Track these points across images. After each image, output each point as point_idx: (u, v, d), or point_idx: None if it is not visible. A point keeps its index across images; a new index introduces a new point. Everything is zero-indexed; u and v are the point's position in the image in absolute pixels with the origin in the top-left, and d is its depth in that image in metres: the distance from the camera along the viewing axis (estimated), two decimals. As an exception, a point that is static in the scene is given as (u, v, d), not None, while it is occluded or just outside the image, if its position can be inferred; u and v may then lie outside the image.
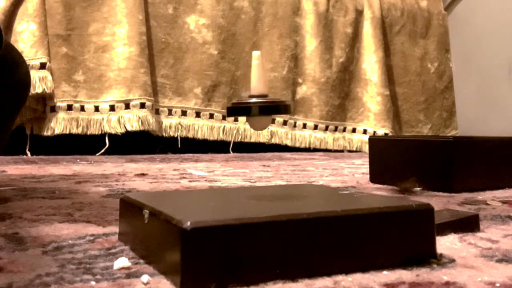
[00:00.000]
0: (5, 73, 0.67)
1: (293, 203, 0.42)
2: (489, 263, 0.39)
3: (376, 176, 0.94)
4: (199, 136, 1.96)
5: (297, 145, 2.12)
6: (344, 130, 2.23)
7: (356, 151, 2.21)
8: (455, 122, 2.37)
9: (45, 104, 1.78)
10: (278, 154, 1.93)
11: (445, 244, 0.44)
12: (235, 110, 0.50)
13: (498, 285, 0.34)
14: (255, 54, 0.49)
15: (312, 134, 2.15)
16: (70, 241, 0.45)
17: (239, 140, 2.01)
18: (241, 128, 2.01)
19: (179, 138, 1.94)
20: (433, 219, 0.39)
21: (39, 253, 0.41)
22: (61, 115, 1.79)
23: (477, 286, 0.34)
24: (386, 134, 2.21)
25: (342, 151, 2.20)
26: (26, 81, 0.75)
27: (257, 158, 1.67)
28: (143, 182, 0.95)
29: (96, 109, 1.83)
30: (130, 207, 0.43)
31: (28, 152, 1.77)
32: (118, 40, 1.84)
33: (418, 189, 0.80)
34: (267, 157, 1.72)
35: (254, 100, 0.49)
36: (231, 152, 1.98)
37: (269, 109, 0.49)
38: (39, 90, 1.70)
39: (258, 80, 0.49)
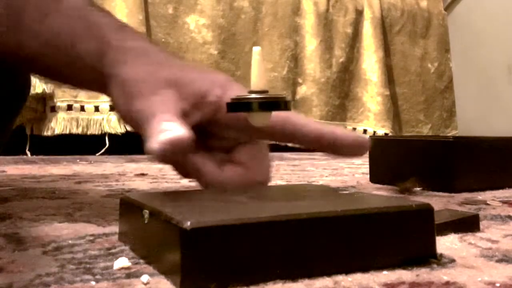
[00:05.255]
0: (6, 73, 0.67)
1: (293, 203, 0.42)
2: (489, 263, 0.39)
3: (376, 176, 0.93)
4: (199, 136, 1.96)
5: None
6: (344, 130, 2.23)
7: (356, 151, 2.21)
8: (455, 122, 2.37)
9: (45, 104, 1.78)
10: (278, 154, 1.93)
11: (445, 244, 0.44)
12: (235, 106, 0.49)
13: (498, 285, 0.34)
14: (256, 49, 0.49)
15: (312, 134, 2.15)
16: (70, 241, 0.45)
17: (239, 140, 2.01)
18: (241, 128, 2.00)
19: (179, 138, 1.93)
20: (433, 219, 0.39)
21: (39, 253, 0.41)
22: (61, 115, 1.79)
23: (477, 286, 0.34)
24: (386, 134, 2.20)
25: (342, 151, 2.19)
26: (26, 82, 0.75)
27: (257, 158, 1.67)
28: (143, 182, 0.95)
29: (96, 109, 1.83)
30: (130, 207, 0.43)
31: (28, 152, 1.77)
32: (118, 40, 1.84)
33: (418, 189, 0.80)
34: (267, 157, 1.72)
35: (254, 95, 0.48)
36: (231, 152, 1.98)
37: (270, 104, 0.49)
38: (39, 90, 1.70)
39: (259, 76, 0.49)
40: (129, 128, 1.80)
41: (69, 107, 1.80)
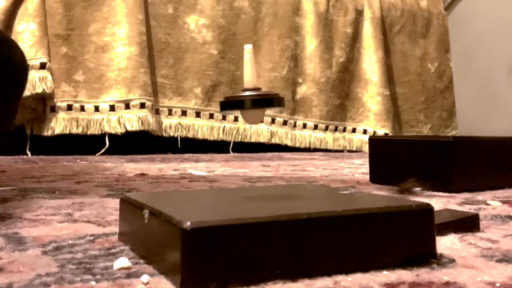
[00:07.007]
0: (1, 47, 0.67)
1: (293, 203, 0.42)
2: (489, 263, 0.39)
3: (376, 176, 0.94)
4: (199, 136, 1.96)
5: (297, 145, 2.12)
6: (344, 130, 2.23)
7: (356, 151, 2.21)
8: (455, 122, 2.37)
9: (45, 104, 1.78)
10: (278, 154, 1.93)
11: (445, 244, 0.44)
12: (228, 104, 0.50)
13: (498, 285, 0.34)
14: (247, 48, 0.49)
15: (312, 134, 2.15)
16: (70, 241, 0.45)
17: (239, 140, 2.01)
18: (241, 128, 2.01)
19: (179, 138, 1.94)
20: (433, 219, 0.39)
21: (39, 253, 0.41)
22: (61, 115, 1.79)
23: (477, 286, 0.34)
24: (386, 134, 2.21)
25: (342, 151, 2.20)
26: (21, 62, 0.74)
27: (257, 158, 1.67)
28: (143, 182, 0.95)
29: (96, 109, 1.83)
30: (130, 207, 0.43)
31: (28, 152, 1.77)
32: (118, 40, 1.84)
33: (418, 189, 0.80)
34: (267, 157, 1.72)
35: (247, 93, 0.49)
36: (231, 152, 1.98)
37: (262, 102, 0.49)
38: (39, 90, 1.70)
39: (251, 74, 0.49)
40: (129, 128, 1.80)
41: (69, 107, 1.80)
